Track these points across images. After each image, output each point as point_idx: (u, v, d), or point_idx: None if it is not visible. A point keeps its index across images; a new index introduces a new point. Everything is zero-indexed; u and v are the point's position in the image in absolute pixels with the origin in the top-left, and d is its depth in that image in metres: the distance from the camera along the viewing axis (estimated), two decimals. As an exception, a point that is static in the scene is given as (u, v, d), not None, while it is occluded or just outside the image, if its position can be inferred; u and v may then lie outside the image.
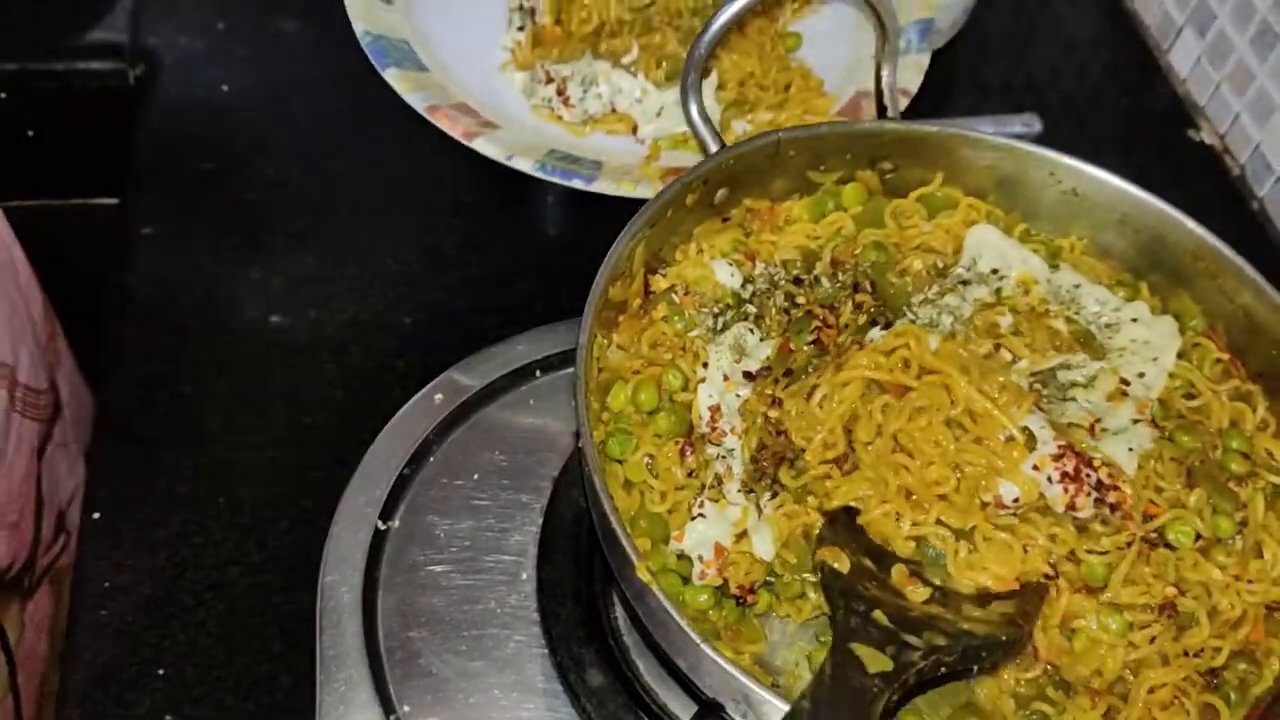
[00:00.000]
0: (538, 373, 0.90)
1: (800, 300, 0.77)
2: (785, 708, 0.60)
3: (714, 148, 0.81)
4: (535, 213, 1.08)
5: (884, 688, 0.60)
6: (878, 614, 0.65)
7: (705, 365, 0.73)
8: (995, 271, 0.80)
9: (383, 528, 0.81)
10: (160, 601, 0.85)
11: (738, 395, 0.73)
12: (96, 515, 0.89)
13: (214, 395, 0.94)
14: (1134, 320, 0.78)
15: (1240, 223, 1.16)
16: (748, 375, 0.74)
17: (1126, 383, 0.75)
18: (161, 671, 0.82)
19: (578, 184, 1.02)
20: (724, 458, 0.71)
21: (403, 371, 0.94)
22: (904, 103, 1.10)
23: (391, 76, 1.11)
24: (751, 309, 0.77)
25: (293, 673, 0.81)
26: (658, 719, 0.75)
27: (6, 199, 1.12)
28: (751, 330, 0.75)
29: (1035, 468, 0.69)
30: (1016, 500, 0.69)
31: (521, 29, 1.19)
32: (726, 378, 0.73)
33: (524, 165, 1.04)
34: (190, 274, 1.03)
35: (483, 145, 1.05)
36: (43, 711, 0.98)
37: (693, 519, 0.70)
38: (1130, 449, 0.72)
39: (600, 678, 0.76)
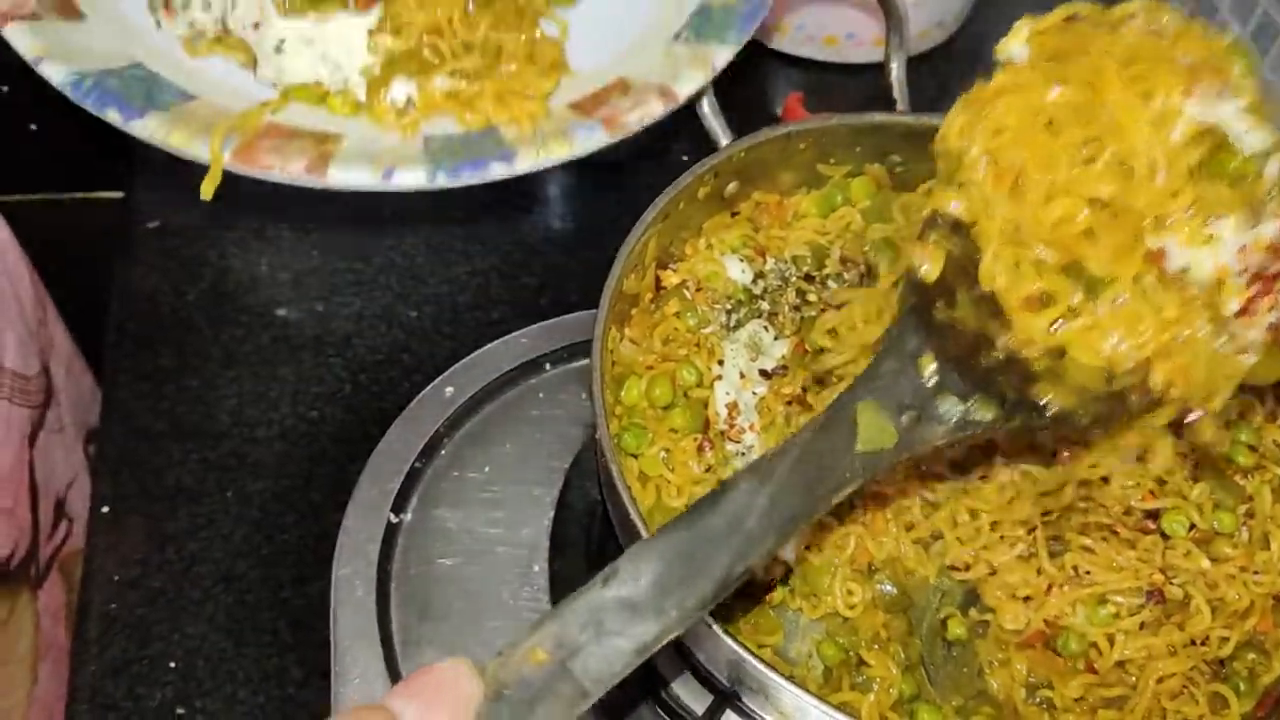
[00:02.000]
0: (547, 366, 0.90)
1: (812, 298, 0.78)
2: (803, 696, 0.61)
3: (725, 140, 0.81)
4: (540, 205, 1.08)
5: (862, 472, 0.56)
6: (925, 359, 0.57)
7: (721, 362, 0.74)
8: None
9: (394, 521, 0.82)
10: (170, 595, 0.85)
11: (754, 393, 0.73)
12: (105, 509, 0.89)
13: (221, 389, 0.94)
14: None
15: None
16: (764, 373, 0.74)
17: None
18: (173, 664, 0.82)
19: (112, 116, 0.74)
20: (744, 454, 0.72)
21: (411, 365, 0.94)
22: (659, 109, 0.83)
23: None
24: (765, 306, 0.77)
25: (304, 665, 0.81)
26: (670, 709, 0.75)
27: (10, 193, 1.12)
28: (766, 328, 0.76)
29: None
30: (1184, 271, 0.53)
31: None
32: (743, 375, 0.73)
33: (53, 74, 0.75)
34: (196, 268, 1.03)
35: (16, 33, 0.75)
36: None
37: (711, 513, 0.70)
38: None
39: (613, 669, 0.76)
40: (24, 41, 0.75)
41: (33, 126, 1.22)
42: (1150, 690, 0.69)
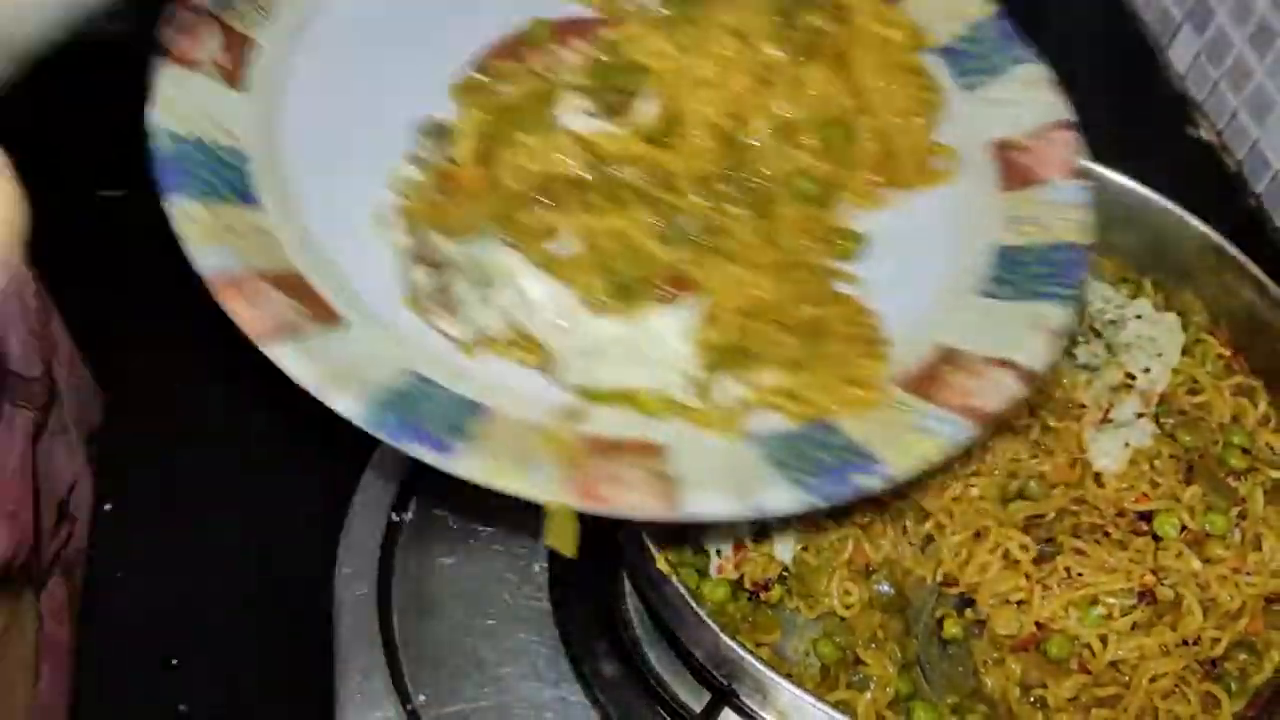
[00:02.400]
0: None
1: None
2: (800, 694, 0.62)
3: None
4: None
5: None
6: None
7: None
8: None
9: (396, 519, 0.82)
10: (172, 592, 0.86)
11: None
12: (108, 506, 0.90)
13: (224, 386, 0.95)
14: (1138, 317, 0.80)
15: (1238, 219, 1.17)
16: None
17: (1132, 377, 0.77)
18: (175, 661, 0.83)
19: (420, 453, 0.62)
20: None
21: None
22: (1016, 388, 0.67)
23: (177, 212, 0.68)
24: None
25: (306, 662, 0.82)
26: (669, 708, 0.76)
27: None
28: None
29: None
30: None
31: (421, 162, 0.73)
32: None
33: (341, 406, 0.63)
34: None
35: (285, 356, 0.63)
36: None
37: (713, 516, 0.70)
38: (1127, 444, 0.74)
39: (612, 667, 0.77)
40: (296, 366, 0.63)
41: (34, 123, 1.22)
42: (1143, 690, 0.70)
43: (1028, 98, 0.80)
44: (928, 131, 0.77)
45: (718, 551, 0.71)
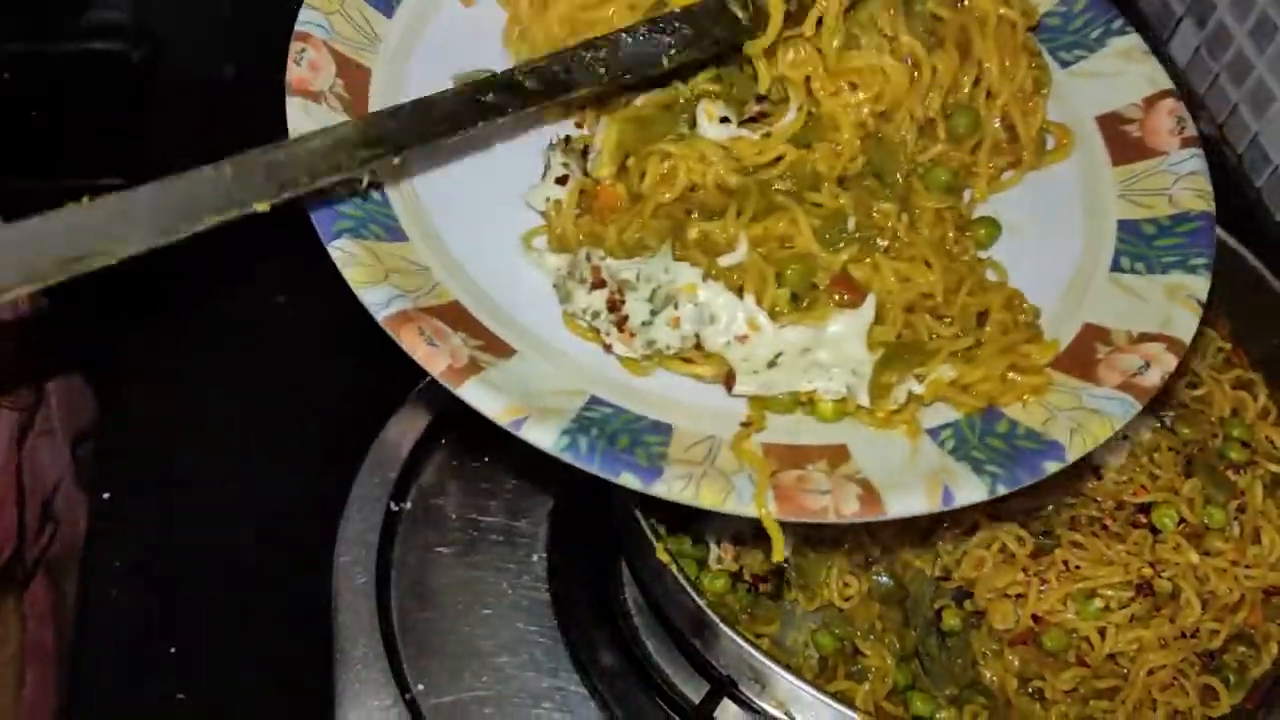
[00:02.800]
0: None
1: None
2: (799, 684, 0.62)
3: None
4: None
5: None
6: None
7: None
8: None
9: (395, 509, 0.82)
10: (171, 580, 0.86)
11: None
12: (106, 495, 0.90)
13: (221, 376, 0.95)
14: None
15: (1237, 212, 1.17)
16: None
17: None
18: (173, 650, 0.83)
19: (629, 481, 0.62)
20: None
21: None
22: (1172, 361, 0.68)
23: (340, 254, 0.67)
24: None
25: (306, 651, 0.82)
26: (668, 698, 0.76)
27: (10, 180, 1.12)
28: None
29: None
30: None
31: (563, 180, 0.72)
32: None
33: (541, 438, 0.63)
34: (195, 254, 1.03)
35: (478, 395, 0.63)
36: (60, 704, 0.99)
37: (714, 509, 0.70)
38: (1125, 437, 0.74)
39: (611, 658, 0.77)
40: (489, 402, 0.63)
41: (33, 114, 1.22)
42: (1141, 682, 0.70)
43: (1125, 69, 0.80)
44: (1045, 112, 0.78)
45: (717, 543, 0.71)
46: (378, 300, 0.65)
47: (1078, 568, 0.70)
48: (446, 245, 0.71)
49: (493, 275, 0.70)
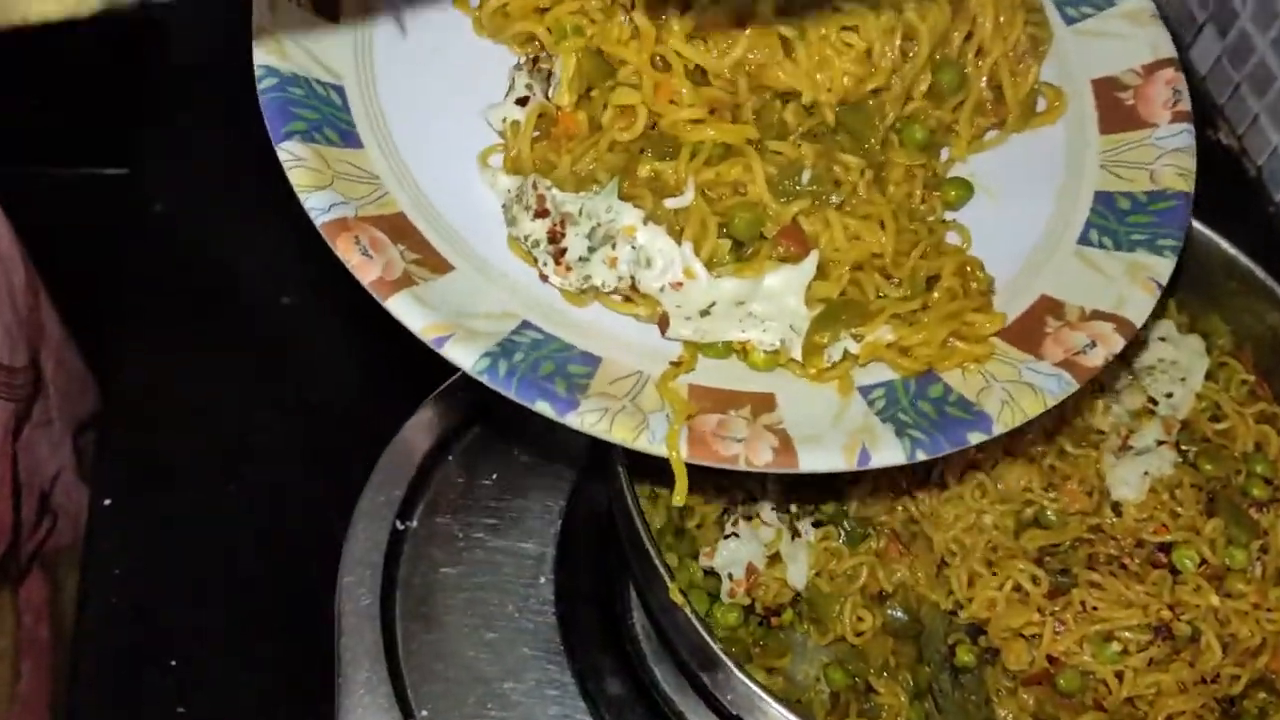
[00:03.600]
0: (557, 370, 0.89)
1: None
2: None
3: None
4: None
5: None
6: None
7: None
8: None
9: (401, 528, 0.81)
10: (172, 590, 0.84)
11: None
12: (107, 501, 0.88)
13: (225, 379, 0.93)
14: (1161, 339, 0.78)
15: (1256, 225, 1.15)
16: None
17: (1154, 401, 0.75)
18: (174, 662, 0.82)
19: (543, 408, 0.62)
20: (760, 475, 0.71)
21: (421, 364, 0.92)
22: (1118, 343, 0.67)
23: (287, 156, 0.66)
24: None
25: (308, 664, 0.81)
26: (676, 732, 0.75)
27: (9, 166, 1.10)
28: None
29: None
30: None
31: (523, 102, 0.70)
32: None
33: (461, 357, 0.62)
34: (200, 252, 1.01)
35: (404, 308, 0.63)
36: (56, 698, 0.98)
37: (725, 537, 0.70)
38: (1145, 473, 0.73)
39: (619, 685, 0.76)
40: (414, 317, 0.62)
41: (34, 98, 1.20)
42: (1159, 728, 0.69)
43: (1131, 32, 0.77)
44: (1037, 73, 0.75)
45: (729, 575, 0.70)
46: (318, 205, 0.64)
47: (1095, 609, 0.69)
48: (401, 155, 0.70)
49: (444, 189, 0.69)
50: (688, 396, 0.63)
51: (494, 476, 0.84)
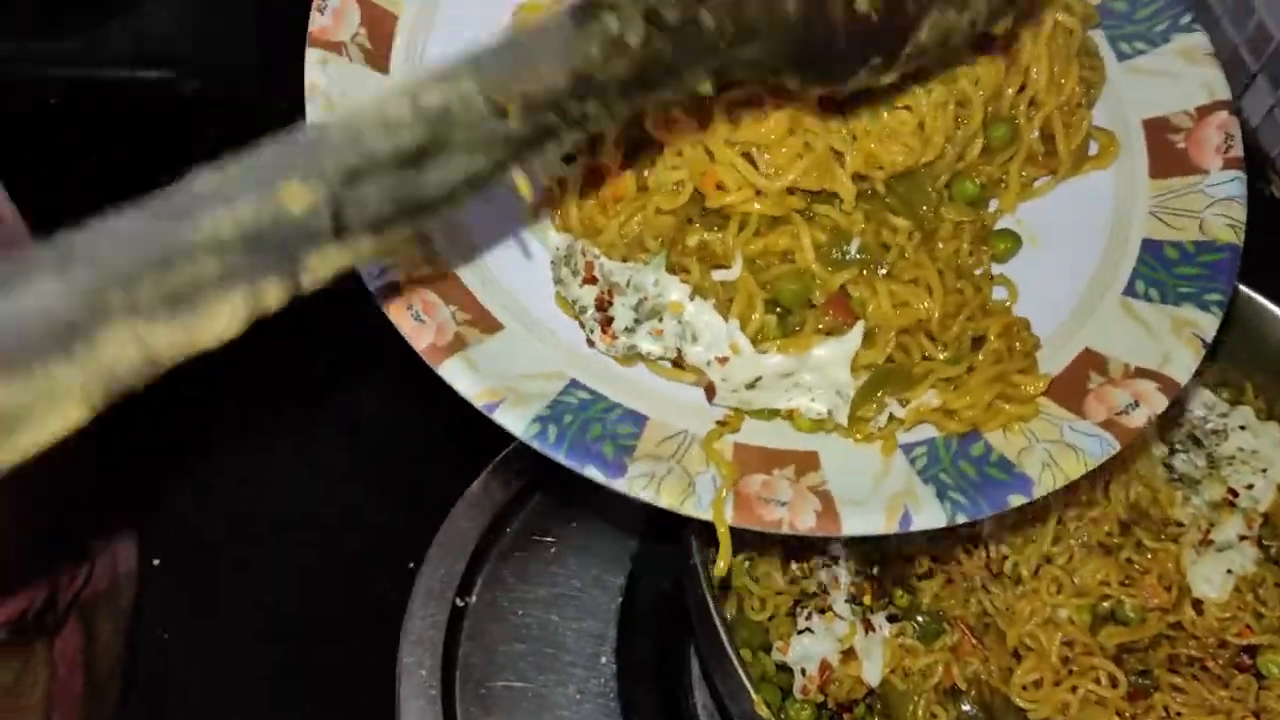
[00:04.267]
0: (612, 439, 0.87)
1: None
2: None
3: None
4: None
5: None
6: None
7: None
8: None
9: (460, 604, 0.80)
10: (221, 658, 0.83)
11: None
12: (156, 562, 0.87)
13: (279, 445, 0.91)
14: (1241, 427, 0.77)
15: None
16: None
17: (1234, 493, 0.74)
18: (225, 736, 0.81)
19: (592, 473, 0.61)
20: (829, 566, 0.70)
21: (474, 439, 0.90)
22: (1162, 403, 0.65)
23: None
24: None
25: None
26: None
27: (55, 207, 1.09)
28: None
29: None
30: None
31: (570, 159, 0.68)
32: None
33: (511, 423, 0.62)
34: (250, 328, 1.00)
35: (457, 376, 0.62)
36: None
37: (799, 632, 0.68)
38: (1229, 571, 0.71)
39: (682, 769, 0.75)
40: (467, 383, 0.62)
41: (80, 144, 1.19)
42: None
43: (1185, 71, 0.75)
44: (1090, 120, 0.73)
45: (803, 670, 0.68)
46: (370, 270, 0.64)
47: (1179, 715, 0.68)
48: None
49: (493, 242, 0.69)
50: (733, 455, 0.63)
51: (552, 550, 0.83)
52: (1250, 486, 0.74)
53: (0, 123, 0.88)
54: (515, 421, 0.62)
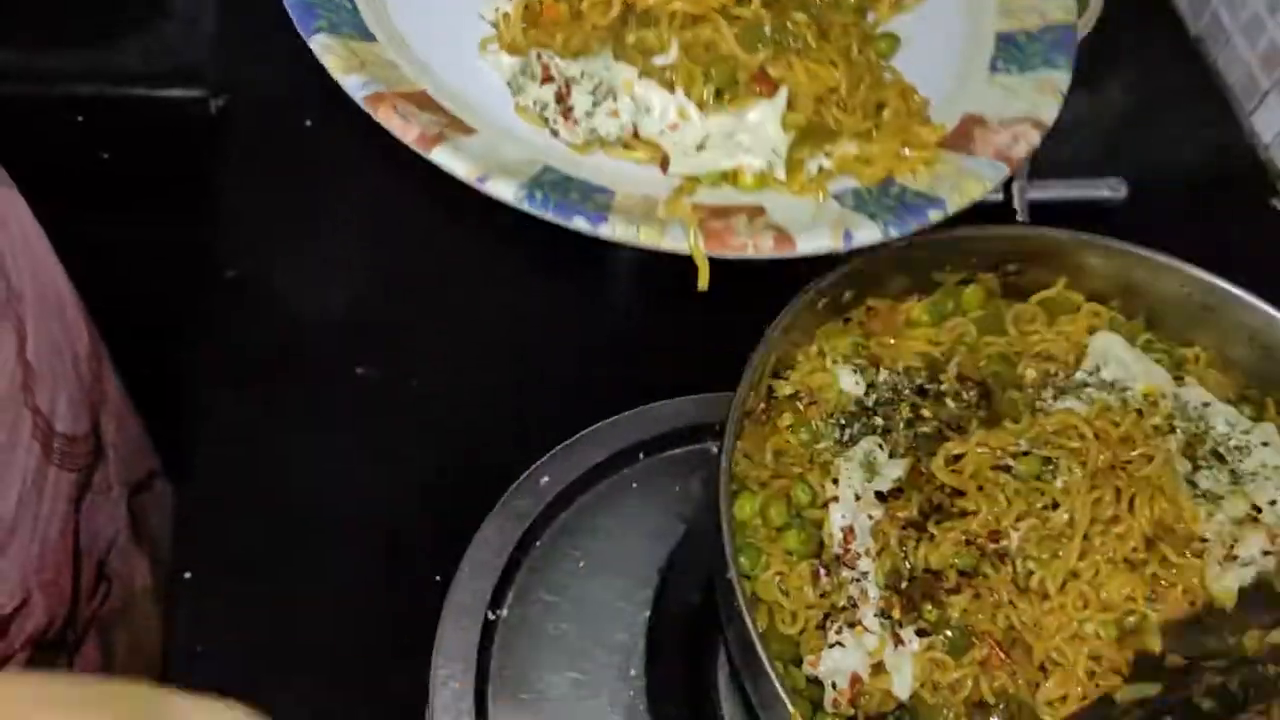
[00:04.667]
0: (640, 455, 0.88)
1: (926, 414, 0.76)
2: None
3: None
4: (617, 285, 1.04)
5: None
6: None
7: (836, 482, 0.72)
8: (1116, 384, 0.80)
9: (492, 618, 0.81)
10: (254, 672, 0.84)
11: (870, 516, 0.72)
12: (188, 575, 0.88)
13: (314, 461, 0.92)
14: (1264, 444, 0.78)
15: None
16: (879, 495, 0.73)
17: (1258, 509, 0.75)
18: (255, 753, 0.81)
19: (579, 224, 0.74)
20: (858, 580, 0.71)
21: (501, 453, 0.91)
22: (1036, 136, 0.87)
23: (319, 46, 0.81)
24: (879, 421, 0.76)
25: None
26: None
27: (81, 223, 1.10)
28: (880, 445, 0.74)
29: None
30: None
31: None
32: (858, 496, 0.72)
33: (503, 191, 0.75)
34: (274, 321, 1.01)
35: (446, 157, 0.76)
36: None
37: (830, 646, 0.69)
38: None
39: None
40: (457, 164, 0.77)
41: (104, 155, 1.20)
42: None
43: None
44: None
45: (833, 684, 0.69)
46: (355, 84, 0.79)
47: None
48: (410, 46, 0.86)
49: (453, 72, 0.85)
50: (692, 211, 0.78)
51: (581, 565, 0.84)
52: (1273, 503, 0.75)
53: (22, 140, 0.89)
54: (505, 189, 0.75)
